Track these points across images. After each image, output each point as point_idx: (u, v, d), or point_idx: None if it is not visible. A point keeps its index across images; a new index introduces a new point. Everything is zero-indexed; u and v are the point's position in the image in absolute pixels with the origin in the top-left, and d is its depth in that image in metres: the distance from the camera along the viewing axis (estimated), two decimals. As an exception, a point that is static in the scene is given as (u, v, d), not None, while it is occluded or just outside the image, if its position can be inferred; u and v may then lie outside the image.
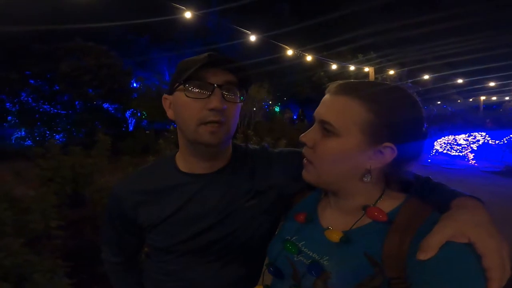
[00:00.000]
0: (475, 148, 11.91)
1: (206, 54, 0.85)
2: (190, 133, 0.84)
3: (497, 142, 12.02)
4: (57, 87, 12.42)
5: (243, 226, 0.91)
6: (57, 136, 12.47)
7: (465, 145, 12.26)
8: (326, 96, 0.75)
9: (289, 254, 0.78)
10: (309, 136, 0.74)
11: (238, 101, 0.87)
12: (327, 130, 0.70)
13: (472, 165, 10.31)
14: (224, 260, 0.91)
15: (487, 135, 12.48)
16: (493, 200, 5.86)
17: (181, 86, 0.83)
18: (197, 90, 0.82)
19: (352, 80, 0.75)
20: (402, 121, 0.68)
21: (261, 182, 0.94)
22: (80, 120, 12.63)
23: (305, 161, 0.77)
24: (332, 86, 0.75)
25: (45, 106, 12.60)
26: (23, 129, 12.47)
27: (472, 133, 12.93)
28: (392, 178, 0.73)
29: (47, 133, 12.57)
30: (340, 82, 0.75)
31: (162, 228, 0.90)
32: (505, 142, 11.74)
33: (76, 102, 12.78)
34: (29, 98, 12.47)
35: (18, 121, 12.48)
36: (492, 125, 15.76)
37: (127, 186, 0.94)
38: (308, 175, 0.76)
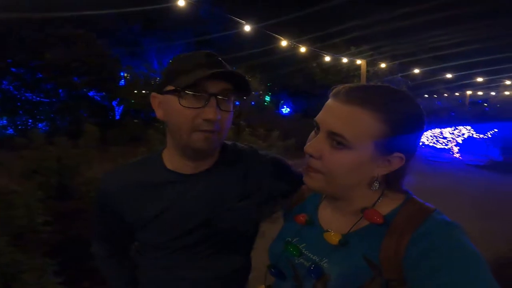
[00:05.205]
0: (460, 142, 12.21)
1: (204, 55, 0.82)
2: (182, 138, 0.83)
3: (481, 136, 12.35)
4: (40, 75, 11.99)
5: (231, 224, 0.92)
6: (40, 124, 12.13)
7: (451, 139, 12.56)
8: (333, 103, 0.69)
9: (291, 257, 0.77)
10: (316, 147, 0.70)
11: (233, 108, 0.86)
12: (338, 142, 0.67)
13: (457, 158, 10.55)
14: (215, 256, 0.93)
15: (472, 129, 12.80)
16: (477, 194, 6.02)
17: (175, 92, 0.80)
18: (192, 99, 0.80)
19: (358, 84, 0.70)
20: (412, 131, 0.68)
21: (249, 182, 0.95)
22: (64, 108, 12.29)
23: (308, 168, 0.74)
24: (339, 91, 0.69)
25: (27, 94, 12.17)
26: (4, 118, 12.05)
27: (457, 127, 13.24)
28: (393, 179, 0.72)
29: (30, 122, 12.21)
30: (348, 87, 0.70)
31: (151, 226, 0.90)
32: (489, 136, 12.07)
33: (60, 90, 12.38)
34: (10, 86, 12.01)
35: (-1, 110, 12.03)
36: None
37: (115, 180, 0.93)
38: (314, 182, 0.73)
